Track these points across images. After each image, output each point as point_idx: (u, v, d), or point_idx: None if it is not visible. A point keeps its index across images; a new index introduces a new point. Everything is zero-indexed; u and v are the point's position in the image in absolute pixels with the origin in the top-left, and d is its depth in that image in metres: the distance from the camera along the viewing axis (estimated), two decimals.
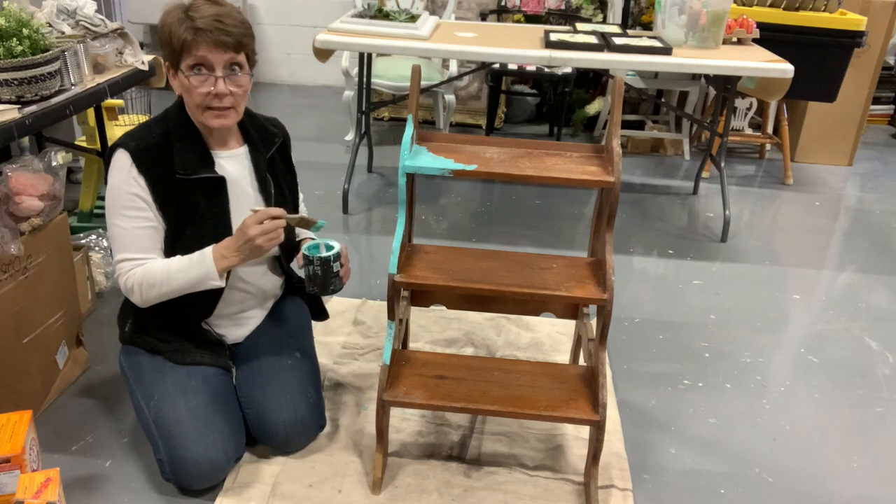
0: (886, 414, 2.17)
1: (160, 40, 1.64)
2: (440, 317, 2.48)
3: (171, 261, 1.66)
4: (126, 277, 1.66)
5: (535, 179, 1.66)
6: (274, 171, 1.83)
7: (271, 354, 1.84)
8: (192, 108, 1.66)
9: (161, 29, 1.63)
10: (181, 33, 1.57)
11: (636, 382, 2.23)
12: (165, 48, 1.63)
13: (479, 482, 1.79)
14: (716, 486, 1.85)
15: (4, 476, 1.55)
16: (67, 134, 3.00)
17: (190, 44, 1.57)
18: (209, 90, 1.61)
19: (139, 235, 1.65)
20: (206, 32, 1.57)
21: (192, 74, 1.60)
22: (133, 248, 1.65)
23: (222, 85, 1.61)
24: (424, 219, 3.27)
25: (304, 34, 5.03)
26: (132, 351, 1.80)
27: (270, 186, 1.80)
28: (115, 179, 1.65)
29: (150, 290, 1.65)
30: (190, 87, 1.61)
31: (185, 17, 1.58)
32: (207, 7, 1.60)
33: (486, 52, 2.86)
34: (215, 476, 1.70)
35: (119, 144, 1.65)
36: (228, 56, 1.60)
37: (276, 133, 1.85)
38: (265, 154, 1.80)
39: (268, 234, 1.60)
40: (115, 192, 1.65)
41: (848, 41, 3.47)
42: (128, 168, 1.63)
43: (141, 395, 1.73)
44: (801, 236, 3.35)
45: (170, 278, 1.64)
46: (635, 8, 4.29)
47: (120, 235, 1.66)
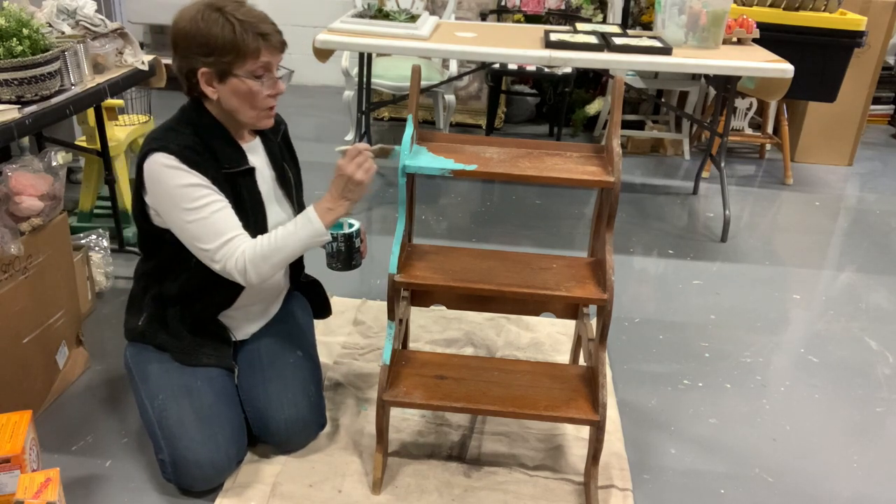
0: (886, 414, 2.17)
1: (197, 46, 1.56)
2: (440, 317, 2.48)
3: (276, 234, 1.63)
4: (234, 260, 1.61)
5: (535, 179, 1.66)
6: (285, 159, 1.85)
7: (274, 352, 1.85)
8: (247, 111, 1.63)
9: (196, 34, 1.56)
10: (247, 40, 1.55)
11: (636, 382, 2.23)
12: (208, 55, 1.56)
13: (479, 482, 1.79)
14: (716, 486, 1.85)
15: (4, 476, 1.55)
16: (67, 134, 3.00)
17: (258, 50, 1.57)
18: (271, 92, 1.62)
19: (224, 216, 1.62)
20: (272, 37, 1.58)
21: (253, 80, 1.59)
22: (227, 229, 1.62)
23: (282, 85, 1.64)
24: (424, 219, 3.27)
25: (304, 34, 5.02)
26: (139, 348, 1.80)
27: (288, 174, 1.83)
28: (170, 179, 1.59)
29: (263, 264, 1.62)
30: (253, 91, 1.60)
31: (231, 19, 1.55)
32: (247, 9, 1.59)
33: (486, 52, 2.86)
34: (217, 478, 1.70)
35: (157, 149, 1.60)
36: (279, 58, 1.64)
37: (278, 121, 1.85)
38: (276, 142, 1.82)
39: (363, 166, 1.60)
40: (174, 191, 1.59)
41: (848, 41, 3.46)
42: (176, 165, 1.59)
43: (145, 392, 1.73)
44: (801, 236, 3.35)
45: (282, 245, 1.62)
46: (635, 8, 4.29)
47: (205, 226, 1.61)
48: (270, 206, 1.76)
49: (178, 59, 1.62)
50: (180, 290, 1.75)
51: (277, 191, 1.80)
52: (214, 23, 1.55)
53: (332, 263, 1.72)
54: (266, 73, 1.61)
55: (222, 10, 1.56)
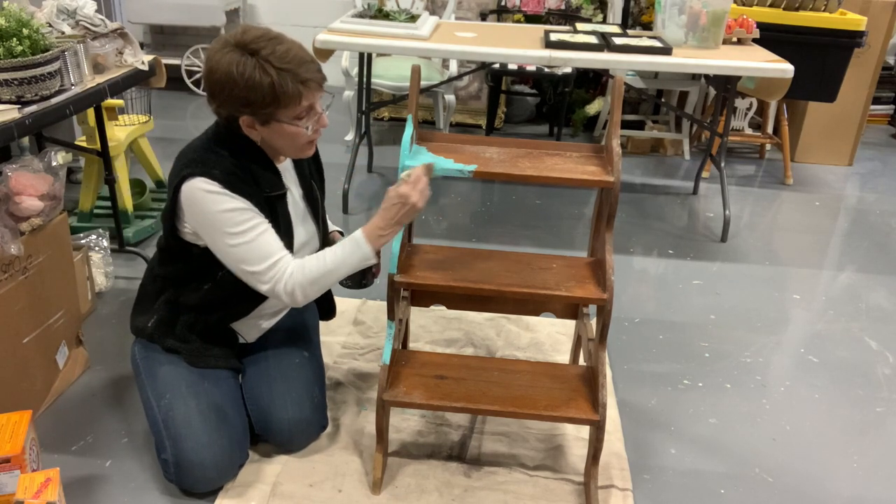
0: (886, 414, 2.17)
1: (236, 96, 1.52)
2: (440, 317, 2.48)
3: (323, 257, 1.63)
4: (284, 284, 1.61)
5: (535, 179, 1.66)
6: (314, 178, 1.84)
7: (280, 352, 1.85)
8: (291, 147, 1.63)
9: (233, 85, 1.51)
10: (290, 88, 1.51)
11: (636, 382, 2.23)
12: (248, 104, 1.53)
13: (479, 482, 1.79)
14: (716, 486, 1.85)
15: (4, 476, 1.55)
16: (67, 134, 3.00)
17: (300, 95, 1.54)
18: (316, 129, 1.62)
19: (268, 239, 1.61)
20: (312, 82, 1.55)
21: (300, 123, 1.58)
22: (273, 252, 1.61)
23: (326, 120, 1.64)
24: (424, 219, 3.27)
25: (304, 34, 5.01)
26: (148, 346, 1.80)
27: (316, 192, 1.83)
28: (213, 205, 1.56)
29: (311, 287, 1.63)
30: (297, 133, 1.59)
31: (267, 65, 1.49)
32: (284, 49, 1.52)
33: (486, 52, 2.86)
34: (219, 481, 1.70)
35: (198, 174, 1.56)
36: (322, 93, 1.62)
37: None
38: (303, 165, 1.81)
39: (422, 191, 1.57)
40: (218, 216, 1.57)
41: (848, 41, 3.46)
42: (219, 190, 1.56)
43: (152, 391, 1.73)
44: (801, 236, 3.35)
45: (332, 270, 1.62)
46: (635, 8, 4.29)
47: (248, 251, 1.60)
48: (297, 226, 1.76)
49: (216, 105, 1.58)
50: (201, 301, 1.74)
51: (306, 210, 1.80)
52: (252, 73, 1.50)
53: (343, 280, 1.71)
54: (309, 113, 1.59)
55: (258, 56, 1.50)
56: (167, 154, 3.61)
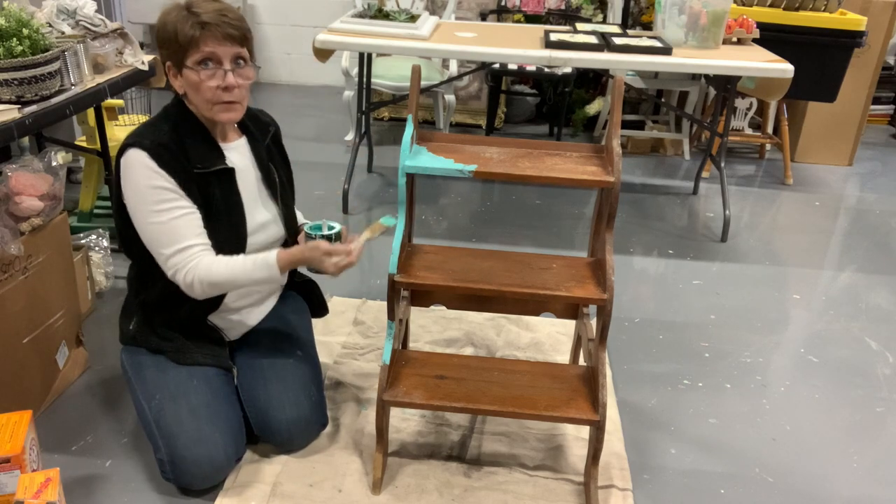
0: (886, 414, 2.17)
1: (160, 40, 1.63)
2: (440, 317, 2.48)
3: (233, 263, 1.64)
4: (185, 272, 1.63)
5: (535, 179, 1.66)
6: (273, 160, 1.85)
7: (273, 353, 1.85)
8: (201, 103, 1.65)
9: (161, 28, 1.62)
10: (187, 30, 1.57)
11: (636, 382, 2.23)
12: (168, 47, 1.61)
13: (479, 482, 1.79)
14: (716, 486, 1.85)
15: (4, 476, 1.55)
16: (67, 134, 3.00)
17: (198, 39, 1.57)
18: (219, 84, 1.61)
19: (181, 224, 1.63)
20: (214, 26, 1.58)
21: (201, 69, 1.60)
22: (181, 239, 1.63)
23: (232, 77, 1.62)
24: (424, 219, 3.27)
25: (304, 34, 5.03)
26: (134, 350, 1.80)
27: (275, 175, 1.83)
28: (138, 178, 1.61)
29: (212, 288, 1.65)
30: (199, 82, 1.61)
31: (189, 13, 1.58)
32: (209, 3, 1.61)
33: (486, 52, 2.86)
34: (216, 476, 1.70)
35: (131, 144, 1.62)
36: (235, 49, 1.62)
37: (268, 122, 1.87)
38: (262, 143, 1.82)
39: (339, 265, 1.64)
40: (140, 190, 1.61)
41: (848, 41, 3.46)
42: (147, 164, 1.60)
43: (142, 394, 1.73)
44: (801, 236, 3.35)
45: (236, 278, 1.65)
46: (635, 8, 4.29)
47: (161, 231, 1.62)
48: (253, 207, 1.77)
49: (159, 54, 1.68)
50: (160, 296, 1.75)
51: (263, 191, 1.80)
52: (171, 14, 1.60)
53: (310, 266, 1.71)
54: (214, 64, 1.60)
55: (189, 5, 1.60)
56: None
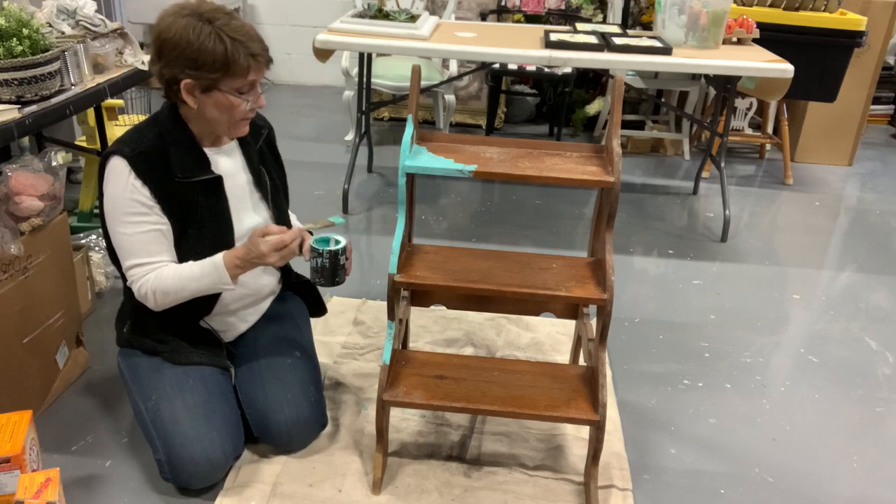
0: (886, 414, 2.17)
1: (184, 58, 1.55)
2: (440, 317, 2.48)
3: (183, 268, 1.65)
4: (139, 284, 1.65)
5: (535, 179, 1.66)
6: (265, 163, 1.84)
7: (271, 354, 1.85)
8: (221, 122, 1.64)
9: (187, 46, 1.53)
10: (240, 60, 1.54)
11: (636, 382, 2.23)
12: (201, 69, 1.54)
13: (479, 482, 1.79)
14: (716, 486, 1.85)
15: (4, 476, 1.55)
16: (67, 134, 3.00)
17: (247, 69, 1.57)
18: (253, 107, 1.64)
19: (145, 240, 1.64)
20: (260, 57, 1.59)
21: (239, 95, 1.60)
22: (142, 254, 1.64)
23: (264, 100, 1.66)
24: (424, 219, 3.27)
25: (304, 34, 5.03)
26: (130, 353, 1.80)
27: (265, 177, 1.82)
28: (114, 187, 1.62)
29: (164, 297, 1.66)
30: (233, 105, 1.60)
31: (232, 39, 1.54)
32: (238, 24, 1.58)
33: (486, 52, 2.86)
34: (214, 475, 1.70)
35: (113, 151, 1.62)
36: (264, 74, 1.65)
37: (261, 125, 1.85)
38: (255, 146, 1.81)
39: (281, 253, 1.62)
40: (114, 199, 1.63)
41: (848, 41, 3.47)
42: (126, 174, 1.61)
43: (139, 395, 1.73)
44: (801, 236, 3.35)
45: (183, 286, 1.64)
46: (635, 8, 4.29)
47: (126, 242, 1.64)
48: (243, 212, 1.76)
49: (160, 66, 1.61)
50: None
51: (254, 195, 1.80)
52: (207, 38, 1.53)
53: (315, 278, 1.68)
54: (251, 89, 1.62)
55: (213, 24, 1.54)
56: None
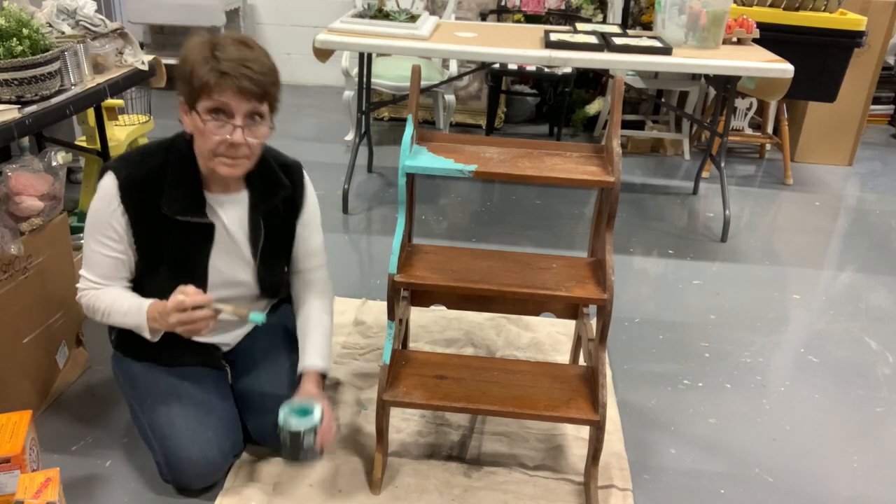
0: (886, 414, 2.17)
1: (178, 74, 1.51)
2: (440, 317, 2.48)
3: (117, 298, 1.63)
4: (80, 295, 1.67)
5: (535, 179, 1.66)
6: (271, 222, 1.73)
7: (269, 357, 1.84)
8: (203, 151, 1.55)
9: (182, 63, 1.50)
10: (203, 74, 1.46)
11: (636, 382, 2.23)
12: (184, 85, 1.50)
13: (479, 482, 1.79)
14: (716, 486, 1.85)
15: (4, 476, 1.55)
16: (67, 134, 3.00)
17: (212, 87, 1.46)
18: (225, 138, 1.51)
19: (103, 263, 1.63)
20: (231, 77, 1.46)
21: (210, 119, 1.49)
22: (94, 272, 1.64)
23: (240, 135, 1.50)
24: (424, 219, 3.27)
25: (304, 34, 5.03)
26: (123, 356, 1.79)
27: (260, 236, 1.71)
28: (98, 203, 1.61)
29: (93, 315, 1.66)
30: (205, 131, 1.50)
31: (211, 56, 1.47)
32: (235, 49, 1.48)
33: (486, 52, 2.86)
34: (213, 475, 1.70)
35: (111, 168, 1.60)
36: (251, 105, 1.50)
37: (283, 185, 1.72)
38: (265, 205, 1.71)
39: (185, 325, 1.53)
40: (94, 214, 1.61)
41: (848, 41, 3.47)
42: (112, 196, 1.58)
43: (134, 399, 1.73)
44: (801, 236, 3.35)
45: (110, 314, 1.64)
46: (635, 8, 4.29)
47: (87, 254, 1.64)
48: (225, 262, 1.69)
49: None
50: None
51: (245, 247, 1.71)
52: (194, 51, 1.49)
53: (282, 451, 1.62)
54: (226, 116, 1.49)
55: (214, 46, 1.49)
56: None
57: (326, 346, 1.77)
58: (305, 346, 1.75)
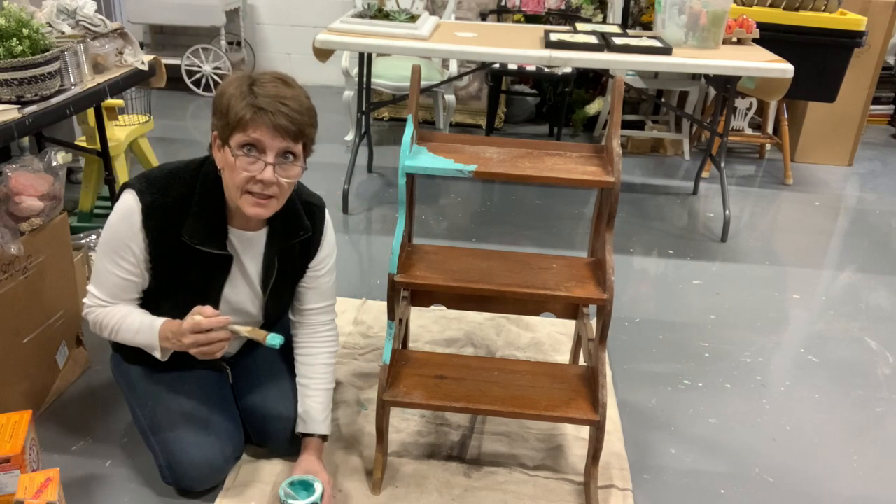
0: (886, 414, 2.17)
1: (215, 108, 1.50)
2: (440, 317, 2.48)
3: (127, 316, 1.61)
4: (87, 311, 1.65)
5: (535, 179, 1.66)
6: (285, 259, 1.70)
7: (269, 359, 1.84)
8: (231, 188, 1.51)
9: (219, 97, 1.48)
10: (240, 109, 1.43)
11: (636, 382, 2.23)
12: (219, 119, 1.48)
13: (479, 482, 1.79)
14: (716, 486, 1.85)
15: (4, 476, 1.55)
16: (67, 134, 3.00)
17: (247, 122, 1.43)
18: (255, 175, 1.47)
19: (116, 283, 1.61)
20: (267, 114, 1.43)
21: (241, 154, 1.46)
22: (104, 291, 1.62)
23: (270, 173, 1.47)
24: (424, 219, 3.27)
25: (304, 34, 5.03)
26: (122, 358, 1.78)
27: (273, 274, 1.69)
28: (118, 224, 1.57)
29: (101, 331, 1.65)
30: (235, 166, 1.47)
31: (249, 91, 1.44)
32: (273, 86, 1.46)
33: (486, 52, 2.86)
34: (214, 477, 1.70)
35: (136, 190, 1.56)
36: (285, 144, 1.47)
37: (304, 227, 1.69)
38: (284, 243, 1.69)
39: (201, 346, 1.51)
40: (112, 233, 1.58)
41: (848, 41, 3.47)
42: (134, 220, 1.55)
43: (135, 401, 1.73)
44: (801, 236, 3.35)
45: (119, 332, 1.61)
46: (635, 8, 4.29)
47: (99, 272, 1.62)
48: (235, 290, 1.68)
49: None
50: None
51: (256, 280, 1.70)
52: (233, 85, 1.47)
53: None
54: (258, 152, 1.47)
55: (253, 81, 1.47)
56: (167, 154, 3.61)
57: (329, 405, 1.77)
58: (307, 405, 1.74)
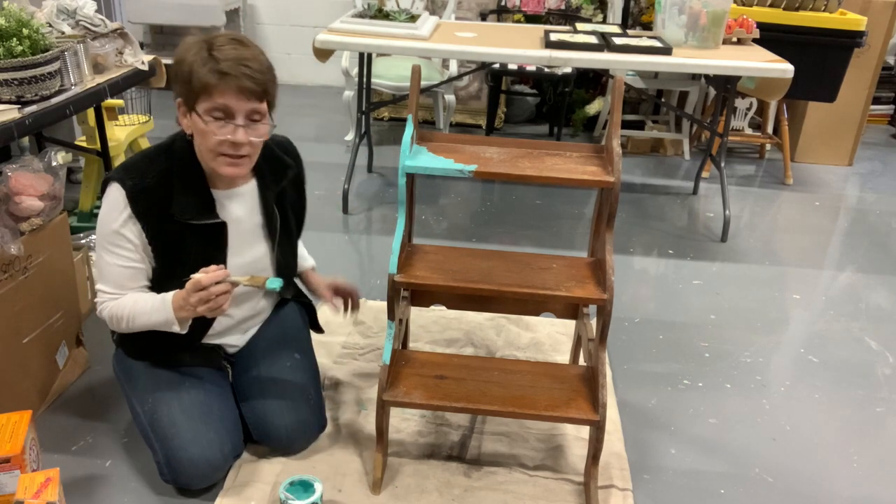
0: (886, 414, 2.17)
1: (175, 75, 1.51)
2: (440, 317, 2.48)
3: (138, 300, 1.61)
4: (101, 308, 1.66)
5: (535, 179, 1.66)
6: (283, 204, 1.76)
7: (269, 357, 1.84)
8: (204, 152, 1.56)
9: (178, 64, 1.50)
10: (203, 74, 1.46)
11: (636, 382, 2.23)
12: (181, 86, 1.50)
13: (479, 482, 1.79)
14: (716, 486, 1.85)
15: (4, 476, 1.55)
16: (67, 134, 3.00)
17: (212, 87, 1.46)
18: (226, 138, 1.51)
19: (120, 273, 1.62)
20: (231, 77, 1.46)
21: (211, 119, 1.49)
22: (111, 283, 1.63)
23: (242, 134, 1.51)
24: (424, 219, 3.27)
25: (304, 34, 5.03)
26: (124, 355, 1.79)
27: (276, 222, 1.74)
28: (107, 216, 1.59)
29: (118, 323, 1.65)
30: (206, 131, 1.50)
31: (209, 56, 1.46)
32: (232, 48, 1.48)
33: (486, 52, 2.86)
34: (214, 475, 1.69)
35: (115, 179, 1.58)
36: (251, 105, 1.50)
37: (289, 165, 1.76)
38: (275, 188, 1.73)
39: (206, 303, 1.50)
40: (104, 225, 1.60)
41: (848, 41, 3.47)
42: (121, 208, 1.57)
43: (135, 398, 1.73)
44: (801, 236, 3.35)
45: (134, 318, 1.61)
46: (635, 8, 4.29)
47: (102, 267, 1.63)
48: (240, 251, 1.70)
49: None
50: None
51: (259, 237, 1.73)
52: (190, 51, 1.49)
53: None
54: (226, 116, 1.50)
55: (211, 45, 1.48)
56: None
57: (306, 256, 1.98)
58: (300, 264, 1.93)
